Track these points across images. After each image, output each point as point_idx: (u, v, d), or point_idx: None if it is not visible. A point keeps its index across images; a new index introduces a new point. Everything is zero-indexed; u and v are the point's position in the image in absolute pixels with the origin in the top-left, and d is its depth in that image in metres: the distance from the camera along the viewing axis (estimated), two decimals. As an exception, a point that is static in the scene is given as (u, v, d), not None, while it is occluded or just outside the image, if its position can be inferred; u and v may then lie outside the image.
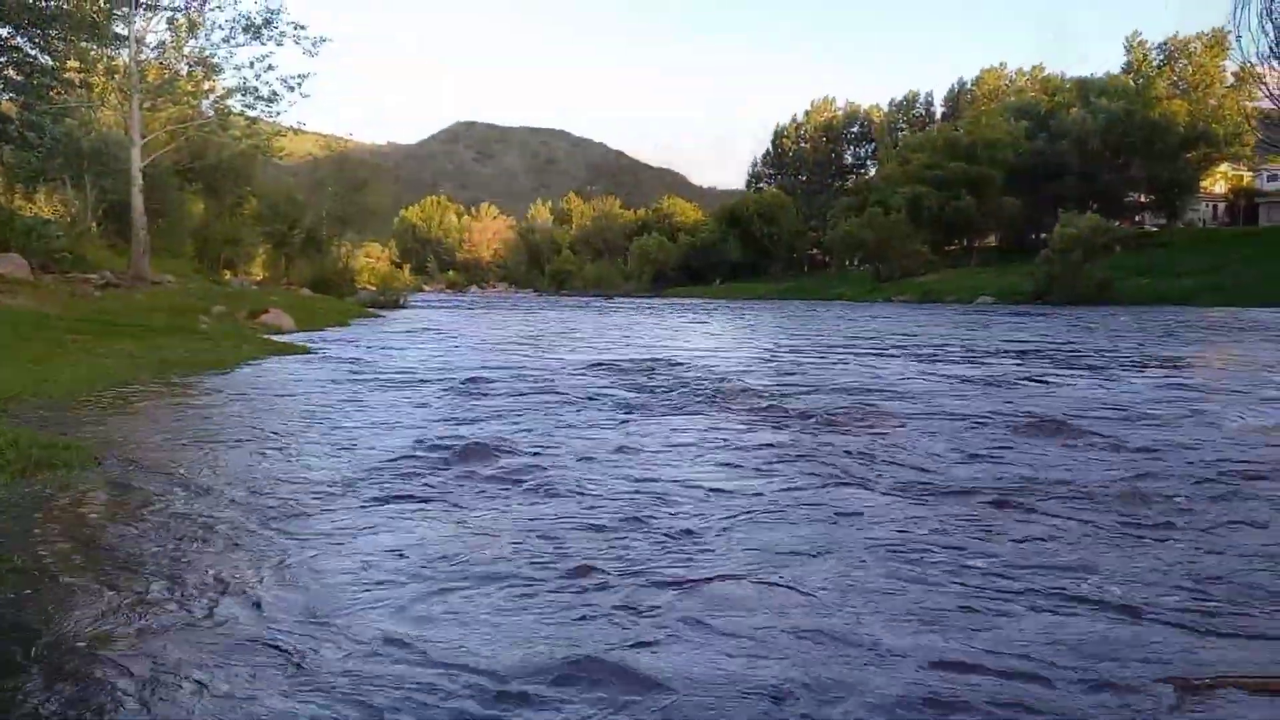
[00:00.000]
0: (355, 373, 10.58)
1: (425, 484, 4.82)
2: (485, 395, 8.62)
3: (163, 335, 13.08)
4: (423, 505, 4.38)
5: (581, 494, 4.63)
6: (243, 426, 6.56)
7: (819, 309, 43.91)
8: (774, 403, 8.13)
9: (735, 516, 4.22)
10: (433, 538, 3.81)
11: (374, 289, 53.11)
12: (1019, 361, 13.10)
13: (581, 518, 4.16)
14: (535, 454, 5.67)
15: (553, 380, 9.95)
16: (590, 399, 8.38)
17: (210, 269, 41.62)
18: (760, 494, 4.70)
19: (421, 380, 9.70)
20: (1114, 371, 11.57)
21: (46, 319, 12.74)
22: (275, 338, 15.99)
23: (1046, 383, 10.12)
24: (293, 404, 7.83)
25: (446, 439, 6.06)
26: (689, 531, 3.92)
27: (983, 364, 12.49)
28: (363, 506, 4.33)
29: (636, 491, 4.70)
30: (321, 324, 21.62)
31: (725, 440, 6.27)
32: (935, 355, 14.40)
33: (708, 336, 20.29)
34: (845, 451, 5.82)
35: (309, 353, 13.76)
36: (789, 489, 4.82)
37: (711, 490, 4.73)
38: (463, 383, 9.48)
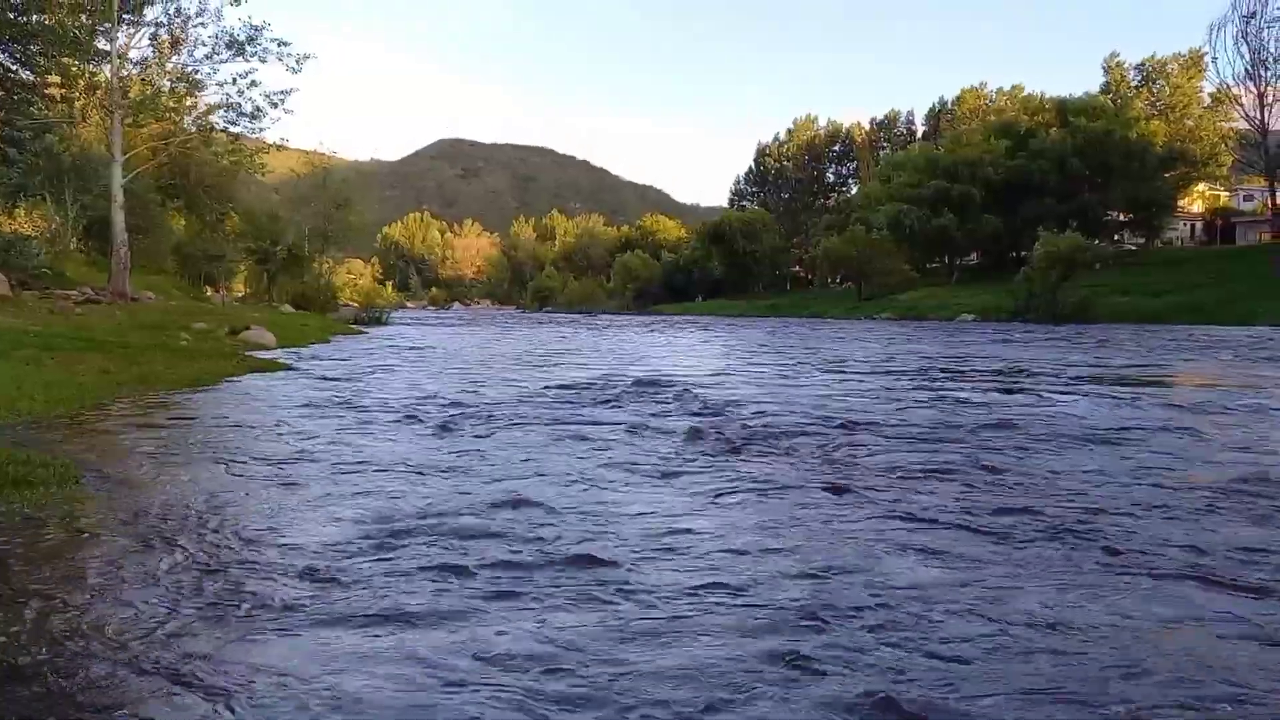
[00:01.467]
0: (336, 395, 10.44)
1: (425, 581, 3.47)
2: (479, 427, 7.66)
3: (143, 352, 13.00)
4: (427, 627, 3.02)
5: (669, 608, 3.19)
6: (217, 450, 6.53)
7: (806, 326, 43.95)
8: (831, 444, 6.92)
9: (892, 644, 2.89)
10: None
11: (357, 305, 53.10)
12: (1096, 388, 11.61)
13: (694, 674, 2.66)
14: (568, 526, 4.36)
15: (555, 409, 9.04)
16: (607, 434, 7.34)
17: (192, 285, 41.48)
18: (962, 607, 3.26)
19: (407, 406, 9.34)
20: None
21: (25, 335, 12.65)
22: (256, 354, 15.92)
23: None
24: (270, 432, 7.74)
25: (444, 497, 4.94)
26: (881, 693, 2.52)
27: (1056, 394, 10.81)
28: (340, 610, 3.14)
29: (746, 601, 3.28)
30: (303, 341, 21.53)
31: (819, 506, 4.87)
32: (964, 381, 13.08)
33: (706, 356, 19.67)
34: (1021, 527, 4.39)
35: (290, 369, 13.70)
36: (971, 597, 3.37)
37: (855, 601, 3.30)
38: (452, 411, 8.73)
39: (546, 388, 11.22)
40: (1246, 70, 54.19)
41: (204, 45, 27.42)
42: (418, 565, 3.67)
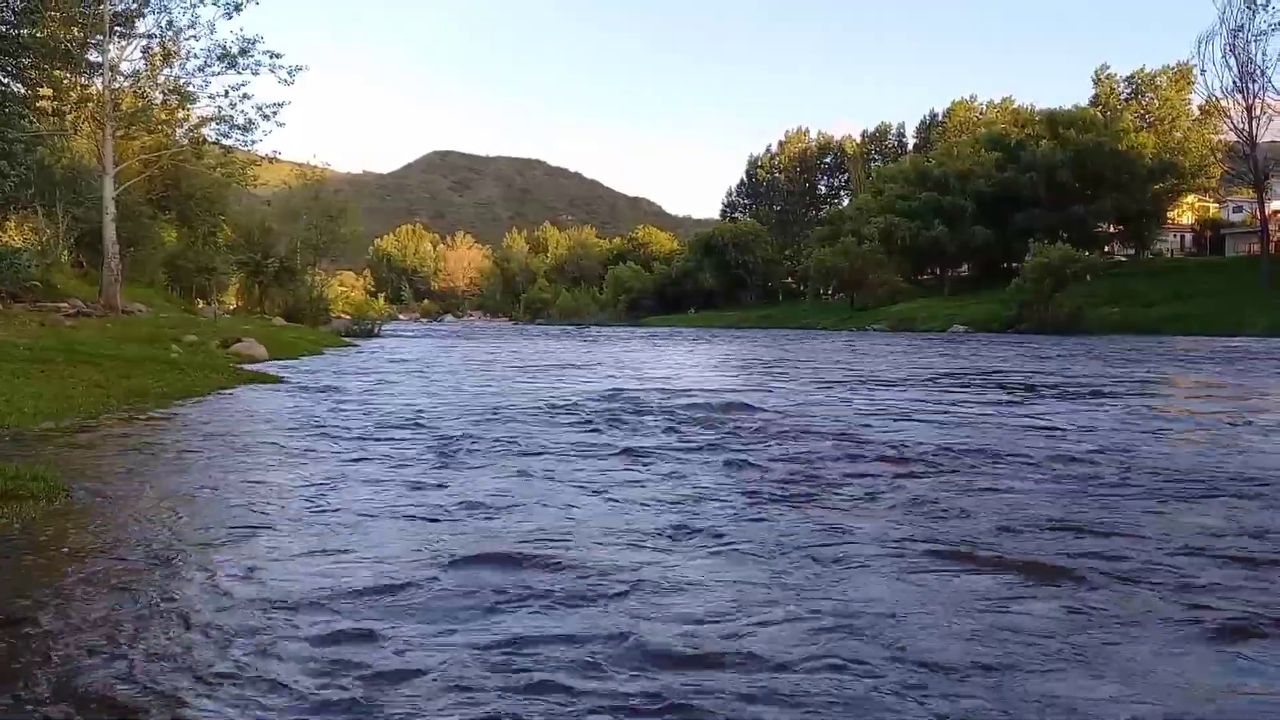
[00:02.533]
0: (327, 409, 10.37)
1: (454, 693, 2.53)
2: (483, 459, 6.65)
3: (133, 364, 12.94)
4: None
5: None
6: (206, 467, 6.50)
7: (804, 338, 43.86)
8: (926, 485, 5.58)
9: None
10: None
11: (348, 317, 53.00)
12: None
13: None
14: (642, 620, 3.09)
15: (564, 429, 8.22)
16: (634, 465, 6.39)
17: (183, 298, 41.37)
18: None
19: (400, 420, 9.22)
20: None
21: (15, 348, 12.58)
22: (247, 367, 15.86)
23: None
24: (258, 448, 7.67)
25: (458, 545, 4.06)
26: None
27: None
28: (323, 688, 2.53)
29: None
30: (295, 353, 21.46)
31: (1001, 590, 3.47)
32: (997, 391, 12.35)
33: (711, 369, 19.06)
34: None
35: (281, 382, 13.65)
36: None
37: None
38: (450, 436, 7.80)
39: (551, 406, 10.43)
40: (1235, 82, 54.55)
41: (196, 58, 27.49)
42: (438, 655, 2.77)
